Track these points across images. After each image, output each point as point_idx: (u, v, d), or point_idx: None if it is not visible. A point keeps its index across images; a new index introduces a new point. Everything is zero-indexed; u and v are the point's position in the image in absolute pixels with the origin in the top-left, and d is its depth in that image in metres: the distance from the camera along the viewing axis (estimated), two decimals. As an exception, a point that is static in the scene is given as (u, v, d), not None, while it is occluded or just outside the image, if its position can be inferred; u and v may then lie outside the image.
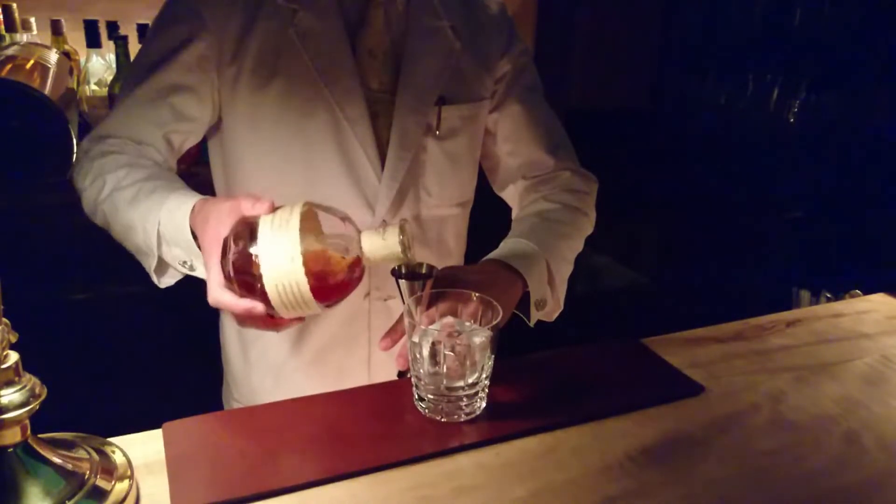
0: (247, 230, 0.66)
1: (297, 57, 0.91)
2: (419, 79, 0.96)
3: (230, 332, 1.08)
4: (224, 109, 0.95)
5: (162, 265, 0.84)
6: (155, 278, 0.86)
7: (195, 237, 0.76)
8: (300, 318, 0.71)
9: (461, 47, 0.99)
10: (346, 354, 1.03)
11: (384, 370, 1.04)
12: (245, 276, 0.65)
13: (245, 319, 0.70)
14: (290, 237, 0.63)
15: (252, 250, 0.64)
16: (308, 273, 0.64)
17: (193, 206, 0.76)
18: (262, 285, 0.64)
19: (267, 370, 1.05)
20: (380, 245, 0.67)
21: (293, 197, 0.79)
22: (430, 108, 0.97)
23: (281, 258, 0.63)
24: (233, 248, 0.66)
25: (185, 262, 0.80)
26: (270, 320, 0.70)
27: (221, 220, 0.69)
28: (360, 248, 0.68)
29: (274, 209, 0.68)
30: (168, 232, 0.78)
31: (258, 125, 0.93)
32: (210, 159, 1.03)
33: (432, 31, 0.98)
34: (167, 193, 0.80)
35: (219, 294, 0.68)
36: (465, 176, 1.07)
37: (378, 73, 0.95)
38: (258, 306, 0.66)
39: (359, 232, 0.69)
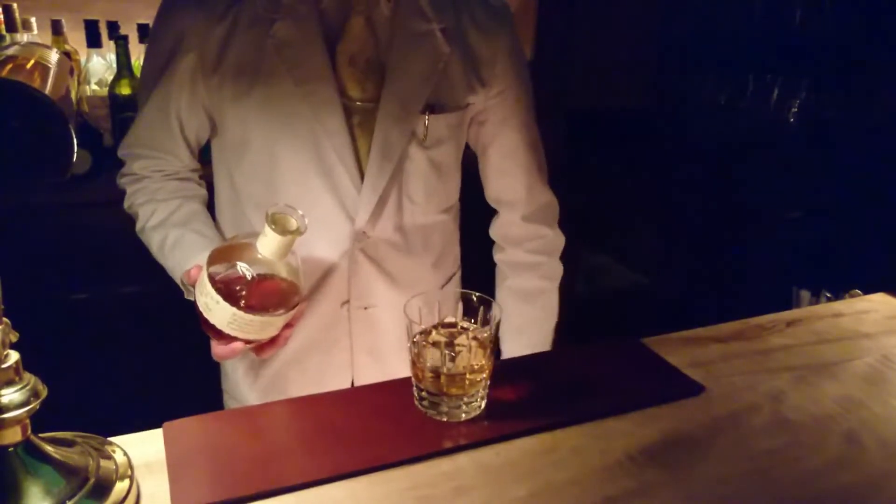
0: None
1: (275, 67, 0.90)
2: (404, 87, 0.93)
3: None
4: (215, 116, 0.96)
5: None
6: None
7: None
8: (290, 327, 0.82)
9: (451, 51, 0.96)
10: (326, 358, 1.03)
11: (368, 375, 1.04)
12: (211, 330, 0.77)
13: (255, 353, 0.82)
14: (206, 289, 0.74)
15: (200, 310, 0.76)
16: (237, 302, 0.74)
17: None
18: (221, 330, 0.76)
19: (250, 366, 1.05)
20: (266, 243, 0.75)
21: (289, 202, 0.89)
22: (416, 117, 0.94)
23: (211, 306, 0.74)
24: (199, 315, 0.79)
25: None
26: (269, 343, 0.81)
27: None
28: (263, 256, 0.76)
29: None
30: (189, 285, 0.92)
31: (245, 132, 0.94)
32: (213, 159, 1.03)
33: (419, 35, 0.94)
34: (186, 254, 0.93)
35: (214, 350, 0.81)
36: (451, 182, 1.05)
37: (360, 83, 0.93)
38: (237, 344, 0.78)
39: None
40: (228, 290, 0.75)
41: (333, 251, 0.97)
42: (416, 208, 1.00)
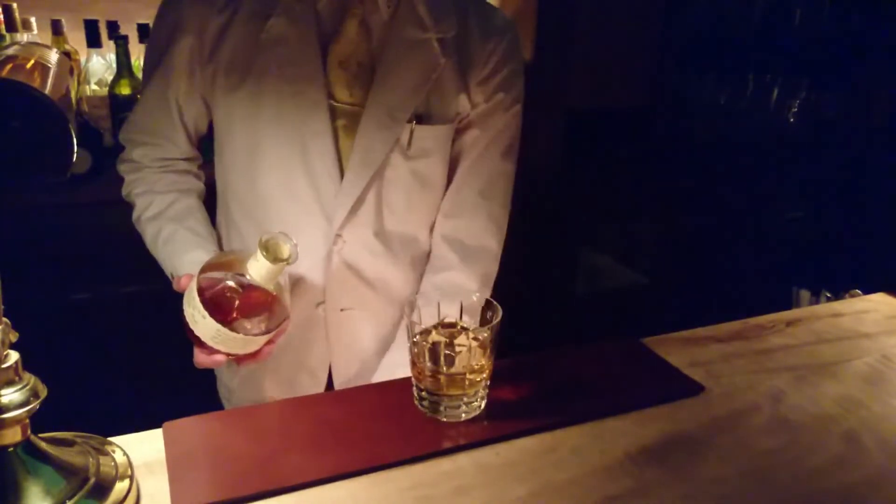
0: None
1: (266, 63, 0.90)
2: (392, 94, 0.92)
3: None
4: (211, 102, 0.97)
5: None
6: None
7: None
8: (272, 343, 0.82)
9: (446, 62, 0.94)
10: (302, 357, 1.03)
11: (346, 375, 1.04)
12: (195, 339, 0.78)
13: (236, 362, 0.82)
14: (194, 301, 0.75)
15: (186, 320, 0.77)
16: (222, 320, 0.75)
17: None
18: (206, 342, 0.77)
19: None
20: (257, 268, 0.76)
21: (268, 200, 0.95)
22: (401, 125, 0.93)
23: (197, 319, 0.75)
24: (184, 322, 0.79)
25: None
26: (251, 355, 0.81)
27: None
28: (252, 279, 0.76)
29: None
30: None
31: (230, 125, 0.95)
32: (215, 150, 1.03)
33: (414, 43, 0.93)
34: (177, 250, 0.93)
35: (196, 358, 0.81)
36: (437, 197, 1.03)
37: (348, 86, 0.92)
38: (219, 356, 0.79)
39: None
40: (215, 306, 0.75)
41: (309, 252, 0.96)
42: (396, 217, 0.99)
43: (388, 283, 1.02)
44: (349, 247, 0.97)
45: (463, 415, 0.74)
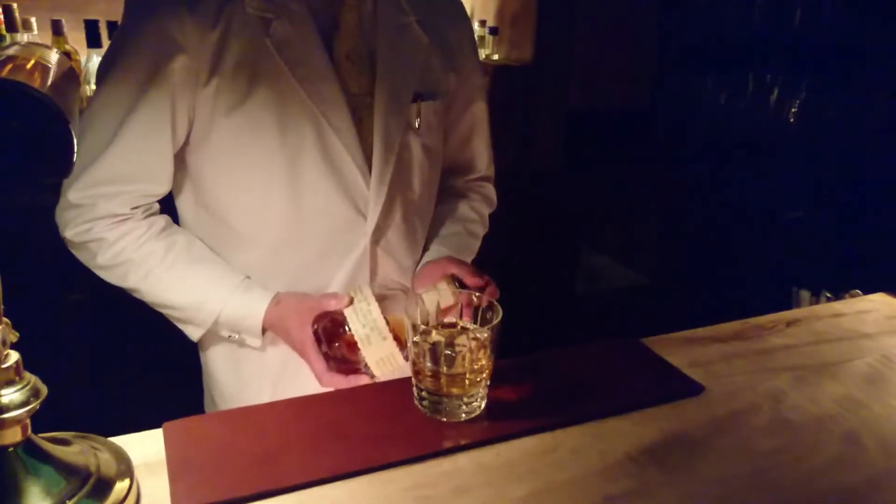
0: (335, 323, 0.86)
1: (275, 68, 0.87)
2: (395, 77, 0.95)
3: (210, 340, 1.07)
4: (200, 126, 0.90)
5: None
6: (188, 333, 0.99)
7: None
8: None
9: (429, 42, 1.00)
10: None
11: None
12: (345, 359, 0.85)
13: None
14: (378, 324, 0.83)
15: (351, 337, 0.83)
16: (398, 345, 0.83)
17: (266, 309, 0.92)
18: (366, 364, 0.84)
19: (260, 363, 1.03)
20: (437, 297, 0.82)
21: (278, 211, 0.94)
22: (408, 106, 0.97)
23: (376, 341, 0.82)
24: (325, 339, 0.86)
25: (232, 336, 0.96)
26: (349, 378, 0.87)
27: (306, 320, 0.88)
28: (425, 306, 0.81)
29: (351, 301, 0.86)
30: (228, 322, 0.93)
31: (238, 141, 0.89)
32: (177, 184, 0.96)
33: (401, 27, 0.97)
34: (221, 290, 0.92)
35: (330, 380, 0.86)
36: (438, 169, 1.09)
37: (357, 77, 0.93)
38: (363, 379, 0.85)
39: (417, 294, 0.85)
40: (394, 332, 0.83)
41: (352, 253, 0.97)
42: (415, 196, 1.02)
43: (415, 260, 1.07)
44: (386, 236, 0.99)
45: (463, 415, 0.74)
